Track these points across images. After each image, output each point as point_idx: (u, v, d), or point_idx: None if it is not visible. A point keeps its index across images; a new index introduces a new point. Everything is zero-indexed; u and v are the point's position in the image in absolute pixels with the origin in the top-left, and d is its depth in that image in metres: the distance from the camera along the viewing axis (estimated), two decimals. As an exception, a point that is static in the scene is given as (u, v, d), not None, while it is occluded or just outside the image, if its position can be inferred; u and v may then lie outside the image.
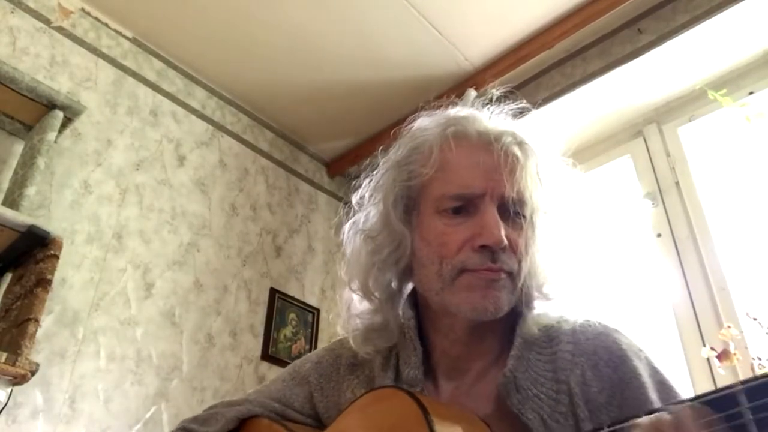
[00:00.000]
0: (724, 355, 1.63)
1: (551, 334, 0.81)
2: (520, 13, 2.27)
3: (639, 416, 0.57)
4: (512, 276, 0.79)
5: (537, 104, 2.39)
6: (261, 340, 2.38)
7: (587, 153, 2.50)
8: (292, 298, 2.57)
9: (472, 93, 2.43)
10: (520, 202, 0.80)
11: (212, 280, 2.31)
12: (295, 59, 2.47)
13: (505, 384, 0.76)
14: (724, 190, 2.09)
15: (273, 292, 2.50)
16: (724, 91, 2.03)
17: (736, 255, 1.97)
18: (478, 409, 0.77)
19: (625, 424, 0.57)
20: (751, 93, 2.10)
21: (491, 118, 0.89)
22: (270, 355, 2.37)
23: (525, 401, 0.75)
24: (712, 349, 1.67)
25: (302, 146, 2.93)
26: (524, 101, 0.96)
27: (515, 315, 0.83)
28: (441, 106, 0.94)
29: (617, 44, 2.26)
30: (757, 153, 1.99)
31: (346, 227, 0.92)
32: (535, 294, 0.82)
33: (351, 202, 0.95)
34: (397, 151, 0.90)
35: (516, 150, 0.83)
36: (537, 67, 2.44)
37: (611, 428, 0.59)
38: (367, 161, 0.93)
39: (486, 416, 0.75)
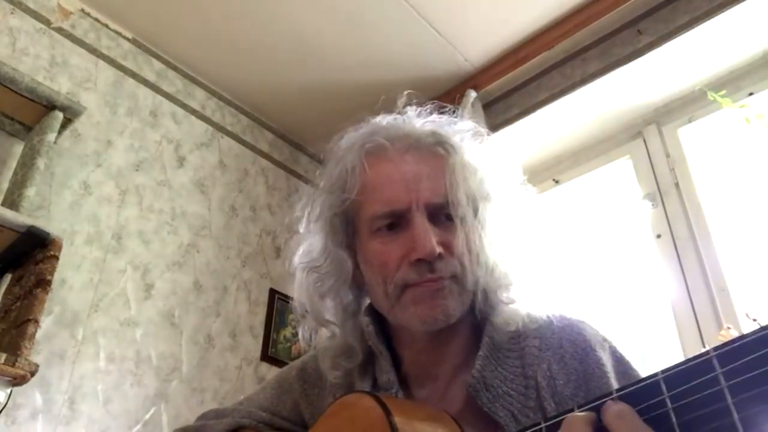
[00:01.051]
0: (723, 356, 1.62)
1: (518, 331, 0.81)
2: (520, 14, 2.27)
3: (573, 410, 0.57)
4: (457, 279, 0.78)
5: (532, 107, 2.41)
6: (261, 340, 2.38)
7: (587, 154, 2.50)
8: (292, 299, 2.56)
9: (472, 93, 2.44)
10: (449, 203, 0.79)
11: (212, 281, 2.31)
12: (295, 60, 2.47)
13: (473, 384, 0.76)
14: (724, 191, 2.09)
15: (273, 292, 2.50)
16: (723, 92, 2.03)
17: (735, 256, 1.97)
18: (452, 412, 0.76)
19: (559, 419, 0.57)
20: (750, 94, 2.10)
21: (413, 120, 0.88)
22: (270, 356, 2.37)
23: (495, 399, 0.75)
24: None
25: (302, 147, 2.93)
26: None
27: (477, 314, 0.83)
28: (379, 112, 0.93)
29: (617, 45, 2.26)
30: (757, 154, 2.00)
31: (295, 260, 0.92)
32: (494, 289, 0.81)
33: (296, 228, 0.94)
34: (324, 177, 0.90)
35: (437, 149, 0.83)
36: (537, 68, 2.44)
37: (548, 423, 0.59)
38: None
39: (459, 416, 0.75)
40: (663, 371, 0.52)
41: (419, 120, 0.88)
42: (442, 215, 0.80)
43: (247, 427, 0.94)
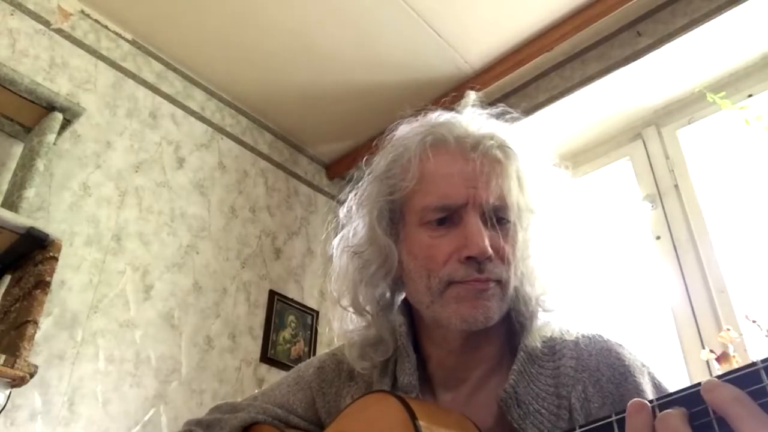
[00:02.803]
0: (723, 358, 1.63)
1: (554, 348, 0.80)
2: (519, 16, 2.27)
3: (610, 416, 0.57)
4: (501, 284, 0.78)
5: (531, 109, 2.41)
6: (260, 342, 2.38)
7: (586, 155, 2.51)
8: (292, 300, 2.57)
9: (471, 95, 2.43)
10: (504, 207, 0.79)
11: (211, 283, 2.31)
12: (294, 62, 2.47)
13: (505, 399, 0.74)
14: (723, 192, 2.09)
15: (272, 294, 2.50)
16: (723, 93, 2.03)
17: (735, 257, 1.97)
18: (476, 421, 0.76)
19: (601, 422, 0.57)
20: (750, 96, 2.10)
21: (472, 120, 0.88)
22: (269, 357, 2.37)
23: (526, 416, 0.74)
24: (711, 351, 1.67)
25: (302, 148, 2.94)
26: (513, 111, 0.93)
27: (510, 323, 0.83)
28: (424, 110, 0.92)
29: (616, 47, 2.26)
30: (756, 155, 2.00)
31: (335, 242, 0.91)
32: (533, 301, 0.81)
33: (338, 215, 0.94)
34: (378, 164, 0.89)
35: (497, 153, 0.82)
36: (536, 70, 2.44)
37: (583, 428, 0.59)
38: (362, 163, 0.92)
39: (484, 427, 0.74)
40: (762, 360, 0.50)
41: (479, 120, 0.88)
42: (494, 218, 0.79)
43: (261, 423, 0.94)
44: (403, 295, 0.89)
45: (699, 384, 0.52)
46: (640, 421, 0.54)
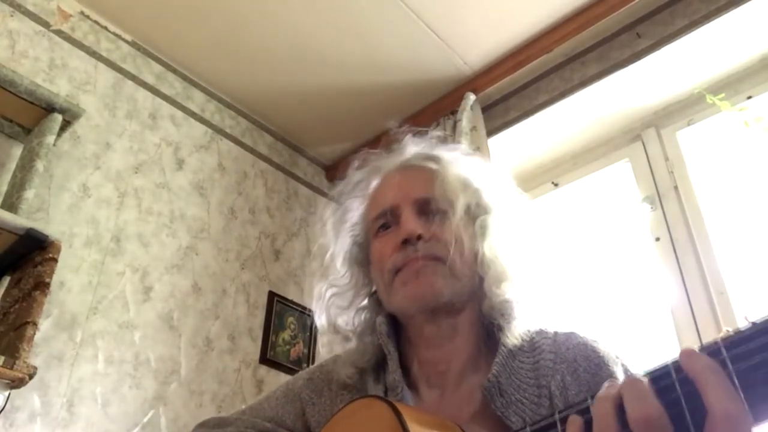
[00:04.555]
0: (722, 359, 1.62)
1: (533, 344, 0.86)
2: (519, 17, 2.27)
3: (586, 399, 0.59)
4: (442, 261, 0.85)
5: (531, 110, 2.42)
6: (259, 343, 2.38)
7: (586, 157, 2.51)
8: (291, 301, 2.57)
9: (470, 96, 2.44)
10: (431, 199, 0.89)
11: (211, 284, 2.31)
12: (294, 62, 2.47)
13: (489, 388, 0.79)
14: (723, 194, 2.09)
15: (272, 295, 2.50)
16: (722, 95, 2.03)
17: (734, 259, 1.97)
18: (462, 412, 0.81)
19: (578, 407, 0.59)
20: (749, 97, 2.10)
21: (407, 148, 1.00)
22: (268, 358, 2.36)
23: (509, 405, 0.78)
24: (711, 353, 1.67)
25: (301, 150, 2.94)
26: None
27: (485, 320, 0.89)
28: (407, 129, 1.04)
29: (616, 48, 2.26)
30: (756, 157, 2.00)
31: (315, 280, 1.03)
32: (503, 298, 0.86)
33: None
34: (339, 209, 1.03)
35: (426, 163, 0.94)
36: (536, 71, 2.44)
37: (562, 413, 0.61)
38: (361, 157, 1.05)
39: (469, 418, 0.80)
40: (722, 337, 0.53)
41: (414, 147, 1.01)
42: (431, 211, 0.89)
43: None
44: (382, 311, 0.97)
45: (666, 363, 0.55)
46: (609, 394, 0.56)
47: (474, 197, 0.91)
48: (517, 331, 0.84)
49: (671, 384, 0.53)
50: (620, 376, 0.79)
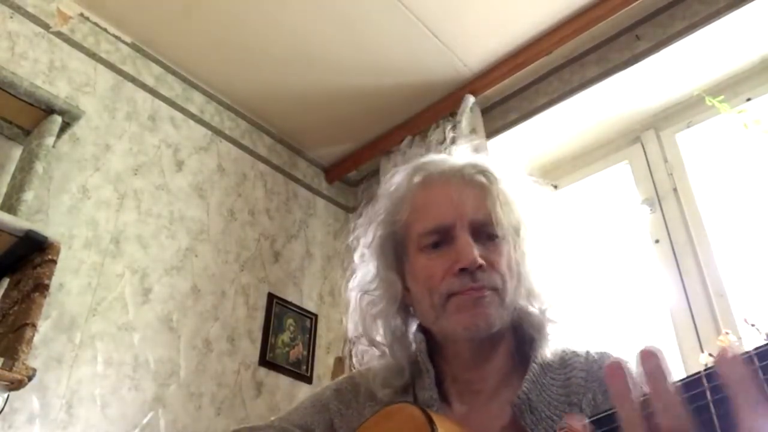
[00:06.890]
0: (722, 361, 1.62)
1: (565, 361, 0.87)
2: (518, 20, 2.28)
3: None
4: (498, 292, 0.85)
5: (530, 112, 2.42)
6: (259, 345, 2.38)
7: (585, 159, 2.51)
8: (290, 303, 2.56)
9: (470, 98, 2.44)
10: (489, 223, 0.87)
11: (210, 286, 2.31)
12: (293, 64, 2.48)
13: (519, 405, 0.80)
14: (722, 196, 2.10)
15: (271, 297, 2.50)
16: (721, 97, 2.03)
17: (734, 261, 1.97)
18: (492, 427, 0.82)
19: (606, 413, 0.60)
20: (748, 99, 2.11)
21: (454, 155, 0.98)
22: (268, 360, 2.36)
23: (539, 422, 0.79)
24: (710, 355, 1.67)
25: (301, 151, 2.94)
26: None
27: (519, 336, 0.90)
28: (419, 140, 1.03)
29: (615, 50, 2.26)
30: (755, 159, 2.00)
31: (350, 285, 1.00)
32: (539, 315, 0.88)
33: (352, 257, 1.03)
34: (377, 208, 0.99)
35: (478, 178, 0.91)
36: (535, 73, 2.44)
37: (592, 418, 0.61)
38: (369, 166, 1.01)
39: None
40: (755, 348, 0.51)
41: (462, 156, 0.98)
42: (484, 234, 0.87)
43: None
44: (416, 323, 0.96)
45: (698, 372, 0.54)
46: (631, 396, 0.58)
47: (520, 219, 0.91)
48: (550, 347, 0.86)
49: (702, 392, 0.52)
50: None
